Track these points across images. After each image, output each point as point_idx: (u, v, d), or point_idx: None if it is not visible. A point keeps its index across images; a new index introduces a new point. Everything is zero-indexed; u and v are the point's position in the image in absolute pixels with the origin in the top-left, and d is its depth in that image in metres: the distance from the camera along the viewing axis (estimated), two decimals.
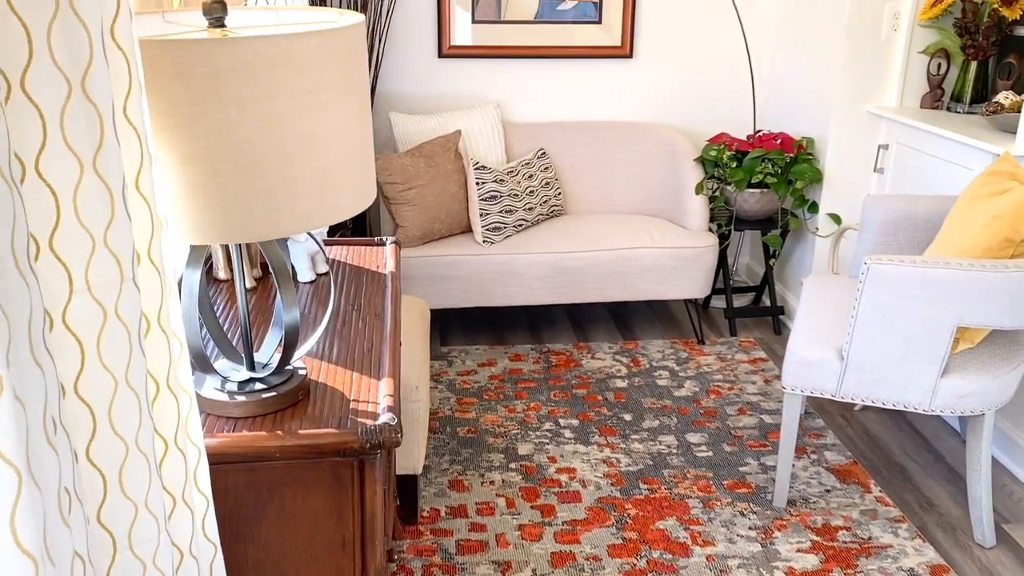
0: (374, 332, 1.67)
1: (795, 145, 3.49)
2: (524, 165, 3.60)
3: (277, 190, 1.15)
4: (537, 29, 3.81)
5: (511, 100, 3.92)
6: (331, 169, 1.20)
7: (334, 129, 1.19)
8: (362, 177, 1.27)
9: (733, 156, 3.52)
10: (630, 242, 3.46)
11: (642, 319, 3.88)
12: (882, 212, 2.75)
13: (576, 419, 3.06)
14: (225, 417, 1.35)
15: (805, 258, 3.69)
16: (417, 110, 3.87)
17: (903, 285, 2.21)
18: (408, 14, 3.73)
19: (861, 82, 3.34)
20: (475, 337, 3.70)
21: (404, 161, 3.35)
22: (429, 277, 3.38)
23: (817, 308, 2.65)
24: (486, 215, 3.41)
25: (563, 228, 3.57)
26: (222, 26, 1.23)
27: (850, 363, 2.35)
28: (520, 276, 3.41)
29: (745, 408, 3.14)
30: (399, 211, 3.36)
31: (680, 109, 4.00)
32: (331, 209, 1.21)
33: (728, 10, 3.85)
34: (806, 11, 3.58)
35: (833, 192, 3.49)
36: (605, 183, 3.84)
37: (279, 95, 1.11)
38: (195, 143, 1.09)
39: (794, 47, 3.71)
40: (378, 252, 2.12)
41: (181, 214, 1.13)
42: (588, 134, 3.84)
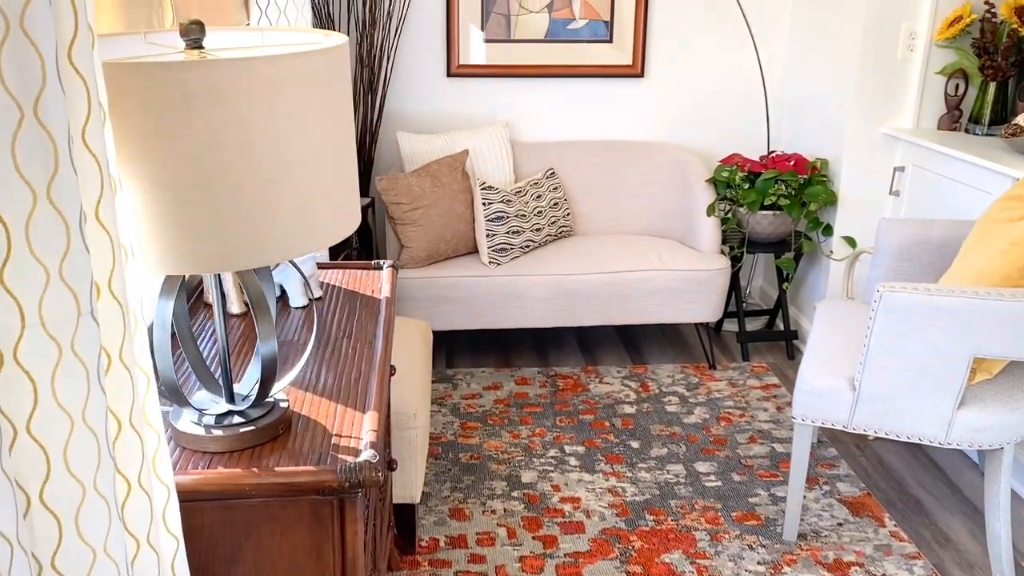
0: (364, 361, 1.62)
1: (809, 166, 3.42)
2: (532, 185, 3.56)
3: (253, 218, 1.10)
4: (547, 48, 3.77)
5: (520, 119, 3.88)
6: (310, 196, 1.15)
7: (313, 154, 1.14)
8: (344, 203, 1.22)
9: (746, 177, 3.46)
10: (638, 264, 3.39)
11: (652, 342, 3.81)
12: (897, 236, 2.67)
13: (582, 446, 2.99)
14: (201, 452, 1.30)
15: (819, 281, 3.61)
16: (425, 129, 3.84)
17: (917, 314, 2.14)
18: (417, 33, 3.70)
19: (877, 103, 3.27)
20: (481, 359, 3.64)
21: (410, 181, 3.31)
22: (433, 298, 3.33)
23: (829, 335, 2.58)
24: (492, 236, 3.36)
25: (571, 249, 3.51)
26: (200, 48, 1.18)
27: (862, 393, 2.27)
28: (525, 298, 3.36)
29: (756, 436, 3.06)
30: (404, 231, 3.31)
31: (692, 129, 3.94)
32: (311, 237, 1.16)
33: (741, 29, 3.80)
34: (820, 30, 3.52)
35: (848, 215, 3.42)
36: (615, 203, 3.78)
37: (254, 119, 1.06)
38: (165, 170, 1.05)
39: (808, 67, 3.64)
40: (375, 276, 2.08)
41: (150, 244, 1.08)
42: (598, 154, 3.79)
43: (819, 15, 3.53)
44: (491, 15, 3.70)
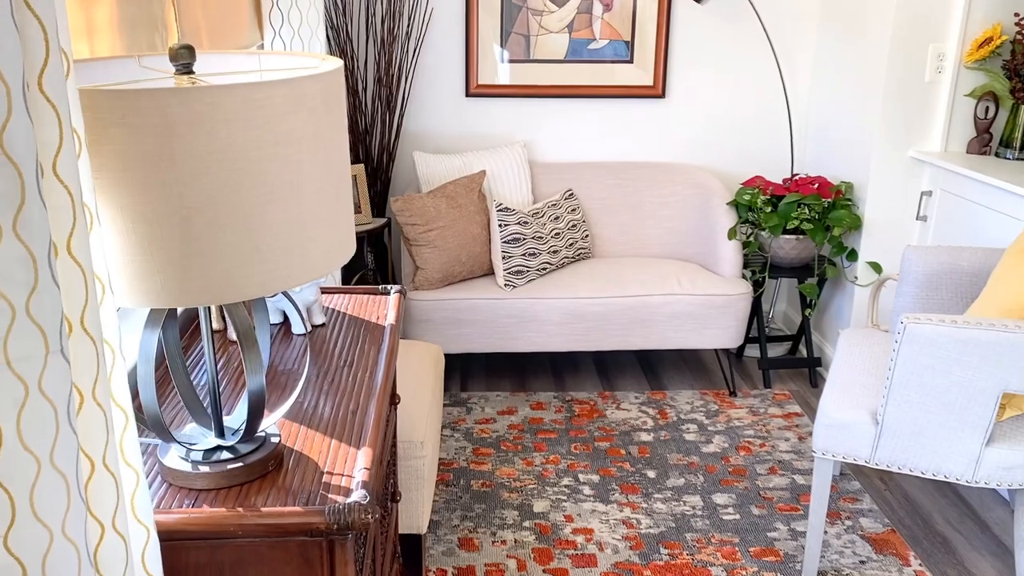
0: (363, 391, 1.57)
1: (833, 190, 3.34)
2: (550, 206, 3.51)
3: (238, 250, 1.06)
4: (567, 68, 3.73)
5: (539, 140, 3.83)
6: (299, 227, 1.10)
7: (303, 184, 1.10)
8: (336, 234, 1.18)
9: (768, 200, 3.38)
10: (656, 288, 3.33)
11: (671, 367, 3.74)
12: (923, 264, 2.59)
13: (596, 474, 2.92)
14: (187, 489, 1.25)
15: (844, 307, 3.52)
16: (443, 149, 3.81)
17: (942, 347, 2.05)
18: (435, 52, 3.68)
19: (903, 126, 3.19)
20: (497, 383, 3.58)
21: (425, 202, 3.28)
22: (447, 321, 3.28)
23: (852, 366, 2.49)
24: (508, 258, 3.31)
25: (588, 272, 3.45)
26: (190, 73, 1.15)
27: (885, 428, 2.19)
28: (541, 322, 3.30)
29: (776, 467, 2.97)
30: (419, 253, 3.28)
31: (714, 151, 3.87)
32: (299, 270, 1.12)
33: (764, 49, 3.74)
34: (846, 51, 3.45)
35: (873, 240, 3.33)
36: (635, 225, 3.72)
37: (239, 148, 1.02)
38: (146, 200, 1.01)
39: (833, 88, 3.57)
40: (381, 302, 2.03)
41: (129, 277, 1.04)
42: (618, 175, 3.74)
43: (845, 36, 3.46)
44: (510, 35, 3.67)
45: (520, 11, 3.64)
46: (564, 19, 3.67)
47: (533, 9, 3.64)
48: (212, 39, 2.06)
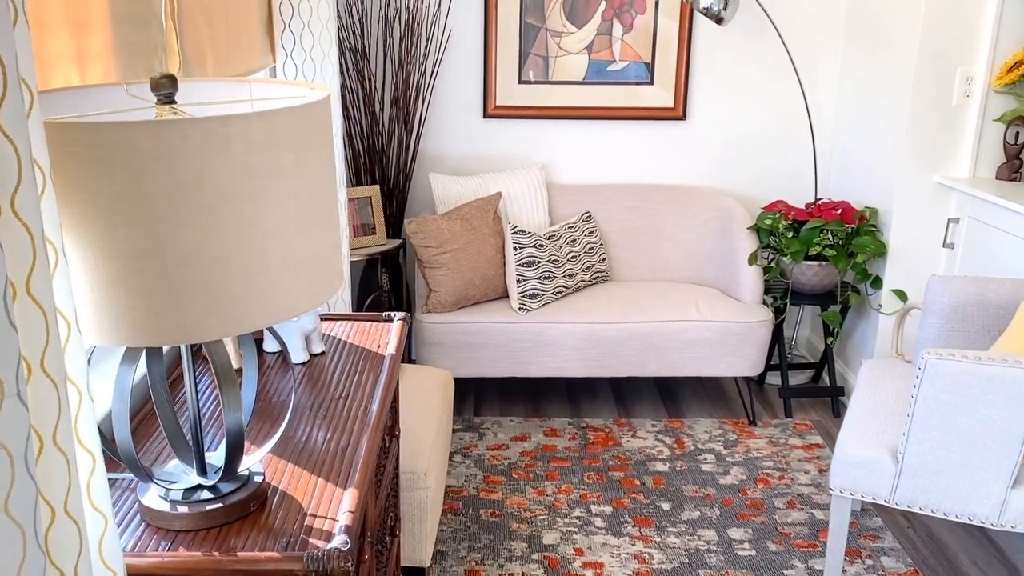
0: (357, 426, 1.53)
1: (857, 216, 3.26)
2: (567, 229, 3.46)
3: (212, 288, 1.02)
4: (586, 90, 3.69)
5: (557, 161, 3.79)
6: (277, 263, 1.06)
7: (281, 219, 1.06)
8: (319, 270, 1.14)
9: (789, 226, 3.31)
10: (674, 314, 3.26)
11: (690, 394, 3.66)
12: (948, 295, 2.50)
13: (609, 506, 2.85)
14: (166, 530, 1.21)
15: (868, 336, 3.42)
16: (460, 171, 3.78)
17: (966, 384, 1.97)
18: (453, 74, 3.65)
19: (930, 150, 3.10)
20: (511, 407, 3.53)
21: (440, 224, 3.24)
22: (460, 344, 3.23)
23: (873, 400, 2.41)
24: (523, 281, 3.26)
25: (605, 296, 3.39)
26: (171, 103, 1.12)
27: (905, 467, 2.10)
28: (555, 346, 3.24)
29: (795, 501, 2.88)
30: (433, 275, 3.24)
31: (735, 174, 3.81)
32: (278, 308, 1.08)
33: (787, 71, 3.67)
34: (871, 74, 3.37)
35: (898, 267, 3.24)
36: (654, 249, 3.66)
37: (213, 183, 0.99)
38: (115, 236, 0.97)
39: (858, 111, 3.49)
40: (384, 329, 1.99)
41: (100, 315, 1.01)
42: (637, 197, 3.68)
43: (870, 57, 3.38)
44: (529, 56, 3.64)
45: (539, 32, 3.61)
46: (583, 40, 3.63)
47: (552, 30, 3.61)
48: (218, 63, 2.04)
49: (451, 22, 3.59)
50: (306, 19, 2.51)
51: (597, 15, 3.60)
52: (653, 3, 3.59)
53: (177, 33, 1.75)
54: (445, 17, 3.58)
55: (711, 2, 3.28)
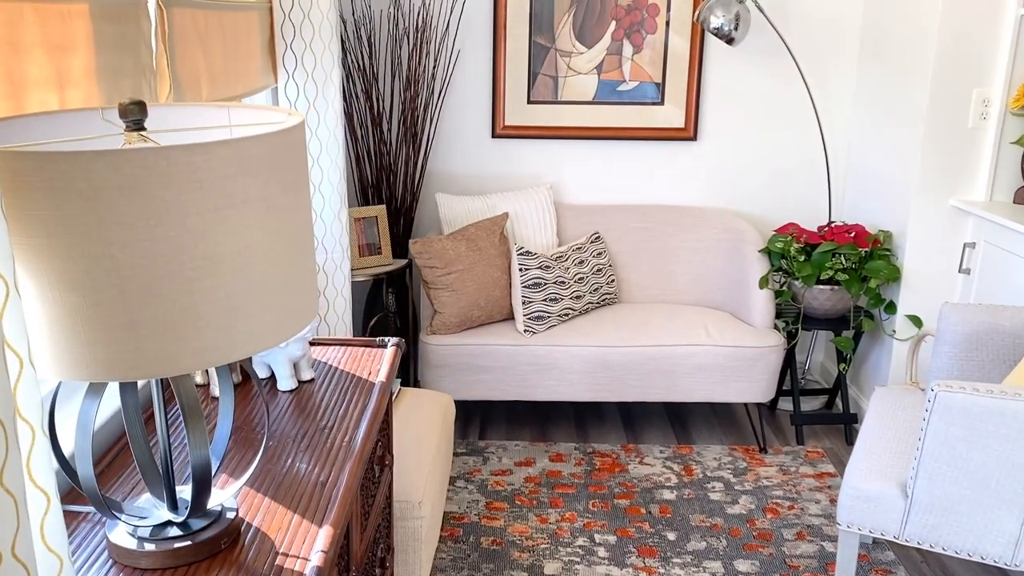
0: (339, 458, 1.49)
1: (870, 239, 3.19)
2: (575, 250, 3.41)
3: (175, 322, 0.99)
4: (595, 110, 3.66)
5: (566, 181, 3.75)
6: (244, 297, 1.03)
7: (249, 251, 1.02)
8: (290, 302, 1.10)
9: (801, 249, 3.24)
10: (683, 338, 3.20)
11: (700, 420, 3.59)
12: (962, 323, 2.43)
13: (613, 535, 2.78)
14: (132, 568, 1.17)
15: (881, 362, 3.34)
16: (468, 190, 3.75)
17: (977, 418, 1.90)
18: (461, 93, 3.63)
19: (945, 173, 3.03)
20: (516, 431, 3.47)
21: (445, 244, 3.21)
22: (464, 367, 3.19)
23: (883, 430, 2.34)
24: (528, 303, 3.21)
25: (612, 319, 3.34)
26: (141, 130, 1.09)
27: (915, 503, 2.03)
28: (561, 370, 3.19)
29: (805, 532, 2.81)
30: (437, 296, 3.20)
31: (747, 195, 3.75)
32: (244, 342, 1.04)
33: (800, 91, 3.62)
34: (886, 94, 3.31)
35: (912, 292, 3.16)
36: (663, 271, 3.61)
37: (176, 214, 0.95)
38: (73, 269, 0.94)
39: (872, 133, 3.43)
40: (377, 355, 1.95)
41: (57, 350, 0.97)
42: (647, 218, 3.63)
43: (884, 79, 3.32)
44: (538, 76, 3.61)
45: (548, 52, 3.58)
46: (593, 60, 3.60)
47: (561, 50, 3.58)
48: (214, 86, 2.02)
49: (460, 42, 3.57)
50: (308, 39, 2.49)
51: (607, 35, 3.57)
52: (664, 23, 3.55)
53: (168, 56, 1.73)
54: (454, 37, 3.56)
55: (722, 22, 3.24)
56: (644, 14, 3.55)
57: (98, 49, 1.45)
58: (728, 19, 3.24)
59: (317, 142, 2.60)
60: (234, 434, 1.59)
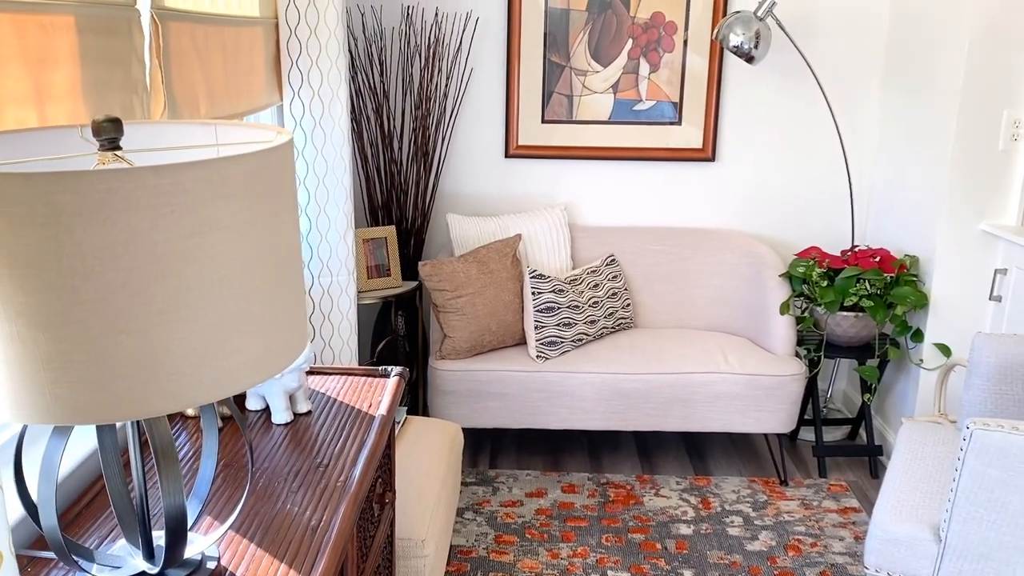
0: (334, 499, 1.39)
1: (896, 264, 3.07)
2: (590, 273, 3.31)
3: (144, 360, 0.90)
4: (611, 130, 3.57)
5: (580, 202, 3.66)
6: (221, 332, 0.94)
7: (225, 281, 0.93)
8: (273, 337, 1.01)
9: (824, 274, 3.13)
10: (700, 365, 3.09)
11: (718, 450, 3.46)
12: (995, 355, 2.31)
13: (627, 572, 2.66)
14: None
15: (908, 392, 3.22)
16: (481, 211, 3.66)
17: (1016, 459, 1.78)
18: (474, 113, 3.55)
19: (975, 196, 2.92)
20: (528, 460, 3.36)
21: (455, 266, 3.12)
22: (474, 393, 3.09)
23: (913, 467, 2.22)
24: (541, 328, 3.12)
25: (627, 344, 3.23)
26: (116, 149, 1.01)
27: (949, 547, 1.90)
28: (574, 397, 3.09)
29: (828, 572, 2.68)
30: (447, 320, 3.11)
31: (767, 218, 3.64)
32: (221, 382, 0.95)
33: (823, 111, 3.51)
34: (913, 114, 3.21)
35: (940, 320, 3.04)
36: (681, 295, 3.50)
37: (144, 242, 0.87)
38: (30, 302, 0.86)
39: (899, 154, 3.32)
40: (379, 386, 1.86)
41: (14, 390, 0.89)
42: (664, 241, 3.53)
43: (911, 98, 3.22)
44: (552, 95, 3.53)
45: (563, 71, 3.50)
46: (609, 79, 3.51)
47: (576, 69, 3.50)
48: (214, 103, 1.95)
49: (472, 60, 3.50)
50: (314, 56, 2.42)
51: (623, 53, 3.48)
52: (682, 41, 3.47)
53: (163, 71, 1.65)
54: (467, 55, 3.49)
55: (741, 40, 3.15)
56: (661, 32, 3.46)
57: (84, 63, 1.37)
58: (748, 37, 3.15)
59: (323, 161, 2.52)
60: (224, 470, 1.50)
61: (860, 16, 3.43)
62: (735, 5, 3.43)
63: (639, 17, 3.45)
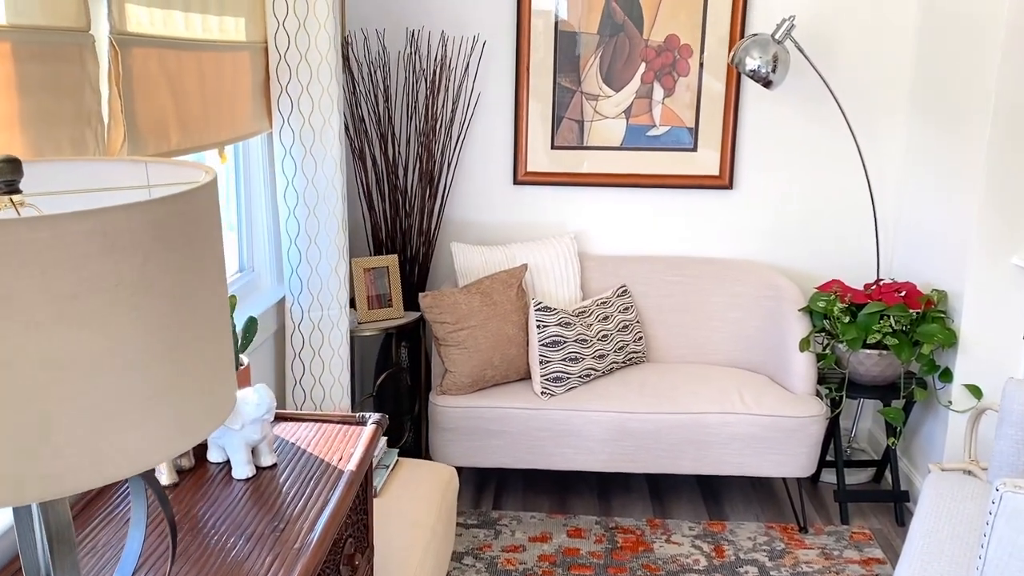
0: (286, 565, 1.26)
1: (923, 300, 2.90)
2: (600, 304, 3.18)
3: (18, 440, 0.78)
4: (623, 156, 3.44)
5: (591, 231, 3.53)
6: (110, 405, 0.82)
7: (118, 348, 0.81)
8: (182, 409, 0.89)
9: (845, 309, 2.96)
10: (714, 405, 2.93)
11: (734, 492, 3.29)
12: None
13: None
14: None
15: (936, 434, 3.03)
16: (488, 239, 3.54)
17: None
18: (481, 138, 3.44)
19: (1007, 229, 2.75)
20: (534, 500, 3.22)
21: (457, 298, 3.00)
22: (476, 431, 2.96)
23: (938, 525, 2.04)
24: (546, 363, 2.98)
25: (638, 381, 3.08)
26: (15, 192, 0.90)
27: None
28: (580, 436, 2.94)
29: None
30: (448, 353, 2.99)
31: (787, 248, 3.48)
32: (115, 461, 0.83)
33: (845, 138, 3.36)
34: (941, 142, 3.04)
35: (971, 359, 2.86)
36: (696, 329, 3.35)
37: (14, 306, 0.75)
38: None
39: (926, 183, 3.15)
40: (355, 434, 1.73)
41: None
42: (679, 271, 3.38)
43: (939, 125, 3.05)
44: (563, 120, 3.41)
45: (573, 96, 3.39)
46: (621, 104, 3.39)
47: (587, 94, 3.38)
48: (187, 132, 1.85)
49: (479, 84, 3.39)
50: (304, 82, 2.33)
51: (636, 78, 3.36)
52: (697, 64, 3.33)
53: (123, 100, 1.55)
54: (473, 79, 3.38)
55: (758, 64, 3.01)
56: (676, 55, 3.33)
57: (23, 93, 1.27)
58: (765, 61, 3.01)
59: (313, 191, 2.42)
60: (179, 530, 1.38)
61: (885, 38, 3.28)
62: (753, 27, 3.29)
63: (652, 40, 3.33)
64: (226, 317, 0.98)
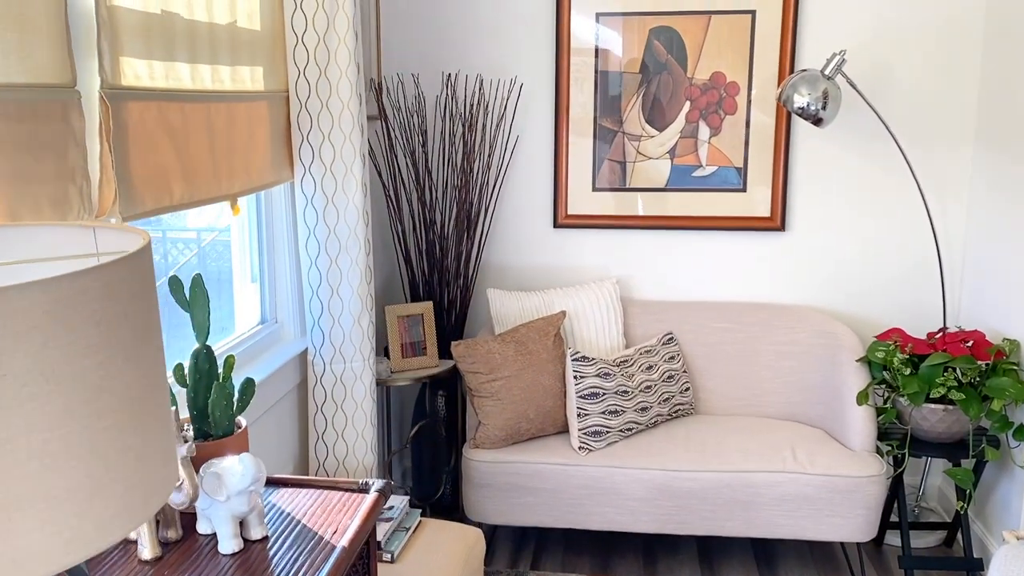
0: None
1: (992, 351, 2.67)
2: (643, 353, 3.03)
3: None
4: (668, 197, 3.30)
5: (635, 275, 3.39)
6: (11, 507, 0.73)
7: (16, 439, 0.73)
8: (95, 508, 0.79)
9: (907, 360, 2.75)
10: (764, 463, 2.74)
11: (790, 556, 3.08)
12: None
13: None
14: None
15: (1012, 497, 2.78)
16: (527, 285, 3.43)
17: None
18: (520, 181, 3.36)
19: None
20: (574, 561, 3.06)
21: (491, 347, 2.89)
22: (510, 487, 2.83)
23: None
24: (585, 416, 2.84)
25: (683, 435, 2.91)
26: None
27: None
28: (620, 495, 2.78)
29: None
30: (481, 405, 2.87)
31: (844, 293, 3.28)
32: (17, 563, 0.74)
33: (906, 176, 3.16)
34: (1011, 181, 2.83)
35: None
36: (746, 379, 3.16)
37: None
38: None
39: (995, 225, 2.93)
40: (356, 503, 1.63)
41: None
42: (728, 318, 3.22)
43: (1009, 163, 2.84)
44: (604, 161, 3.30)
45: (615, 136, 3.28)
46: (665, 144, 3.26)
47: (630, 134, 3.27)
48: (193, 184, 1.80)
49: (517, 126, 3.31)
50: (326, 131, 2.27)
51: (681, 117, 3.23)
52: (745, 102, 3.19)
53: (114, 156, 1.50)
54: (511, 122, 3.31)
55: (807, 101, 2.86)
56: (722, 93, 3.20)
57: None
58: (815, 97, 2.86)
59: (336, 241, 2.36)
60: None
61: (945, 68, 3.09)
62: (802, 63, 3.14)
63: (697, 78, 3.20)
64: (163, 399, 0.89)
